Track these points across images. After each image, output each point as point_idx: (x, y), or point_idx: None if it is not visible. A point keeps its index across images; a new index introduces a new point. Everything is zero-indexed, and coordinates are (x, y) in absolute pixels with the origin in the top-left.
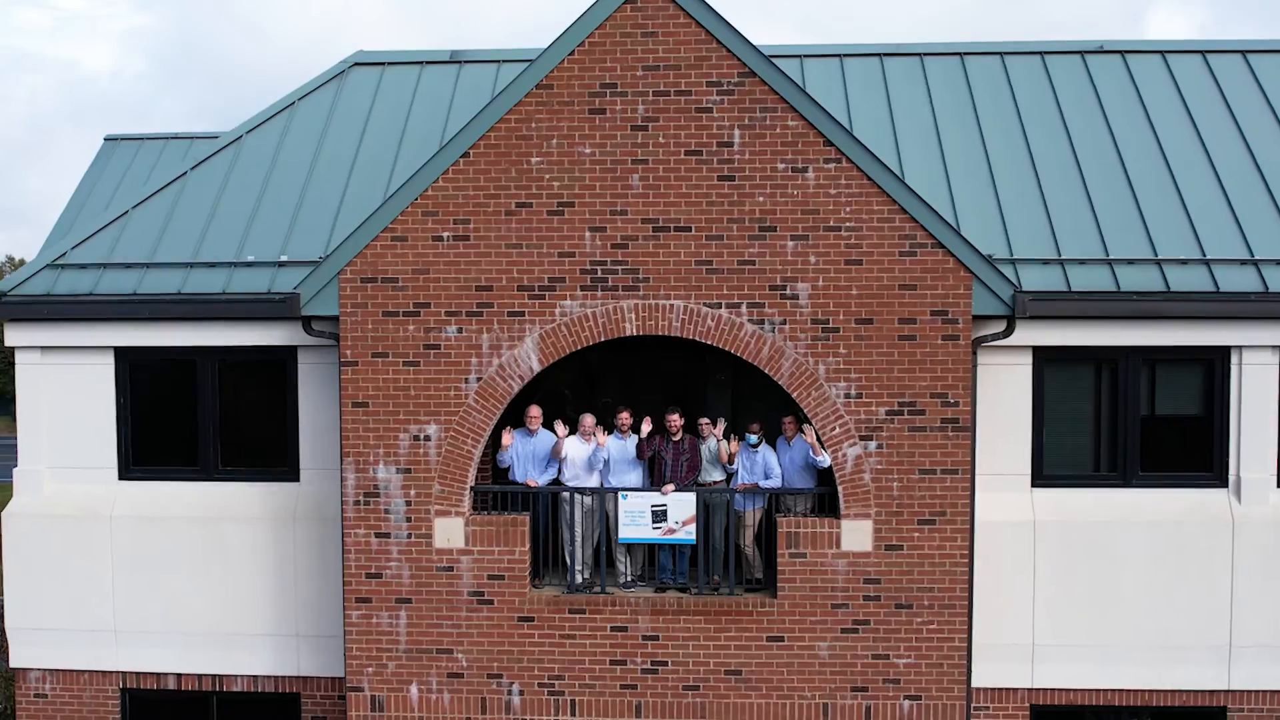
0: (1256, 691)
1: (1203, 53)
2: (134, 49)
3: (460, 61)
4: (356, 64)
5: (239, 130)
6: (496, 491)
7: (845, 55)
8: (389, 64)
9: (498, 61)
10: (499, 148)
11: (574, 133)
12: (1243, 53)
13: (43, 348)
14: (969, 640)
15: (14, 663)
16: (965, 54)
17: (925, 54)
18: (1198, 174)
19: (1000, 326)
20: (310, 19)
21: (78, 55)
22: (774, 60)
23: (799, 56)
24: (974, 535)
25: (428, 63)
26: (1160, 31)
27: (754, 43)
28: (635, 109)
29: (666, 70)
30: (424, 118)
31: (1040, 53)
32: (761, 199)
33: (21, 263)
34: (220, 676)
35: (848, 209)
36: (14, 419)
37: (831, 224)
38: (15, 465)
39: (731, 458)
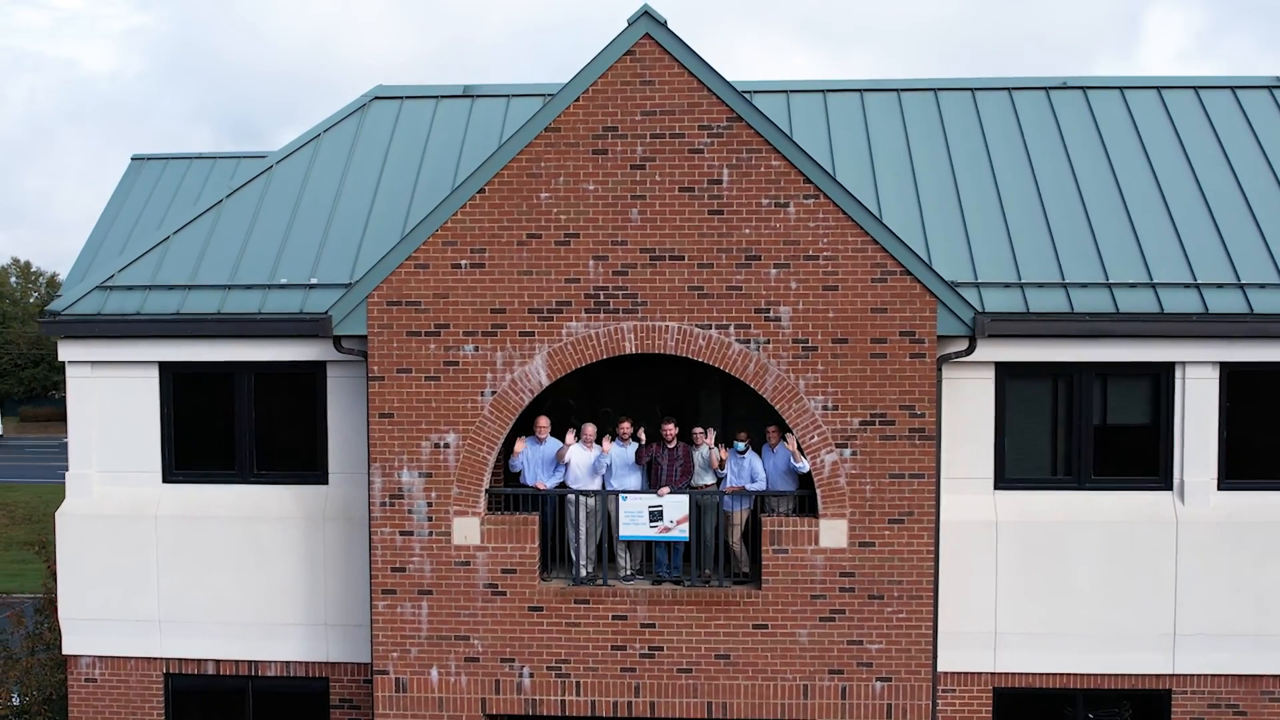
0: (1198, 675)
1: (1158, 88)
2: (134, 49)
3: (473, 96)
4: (376, 98)
5: (269, 160)
6: (509, 494)
7: (828, 90)
8: (407, 98)
9: (507, 96)
10: (511, 184)
11: (579, 171)
12: (1195, 89)
13: (93, 362)
14: (934, 627)
15: (66, 650)
16: (939, 89)
17: (902, 89)
18: (1148, 202)
19: (963, 345)
20: (310, 19)
21: (78, 55)
22: (761, 94)
23: (785, 92)
24: (939, 533)
25: (443, 97)
26: (1156, 33)
27: (740, 89)
28: (634, 150)
29: (662, 115)
30: (440, 149)
31: (1008, 88)
32: (748, 231)
33: (27, 265)
34: (256, 663)
35: (825, 240)
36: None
37: (811, 254)
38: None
39: (721, 463)
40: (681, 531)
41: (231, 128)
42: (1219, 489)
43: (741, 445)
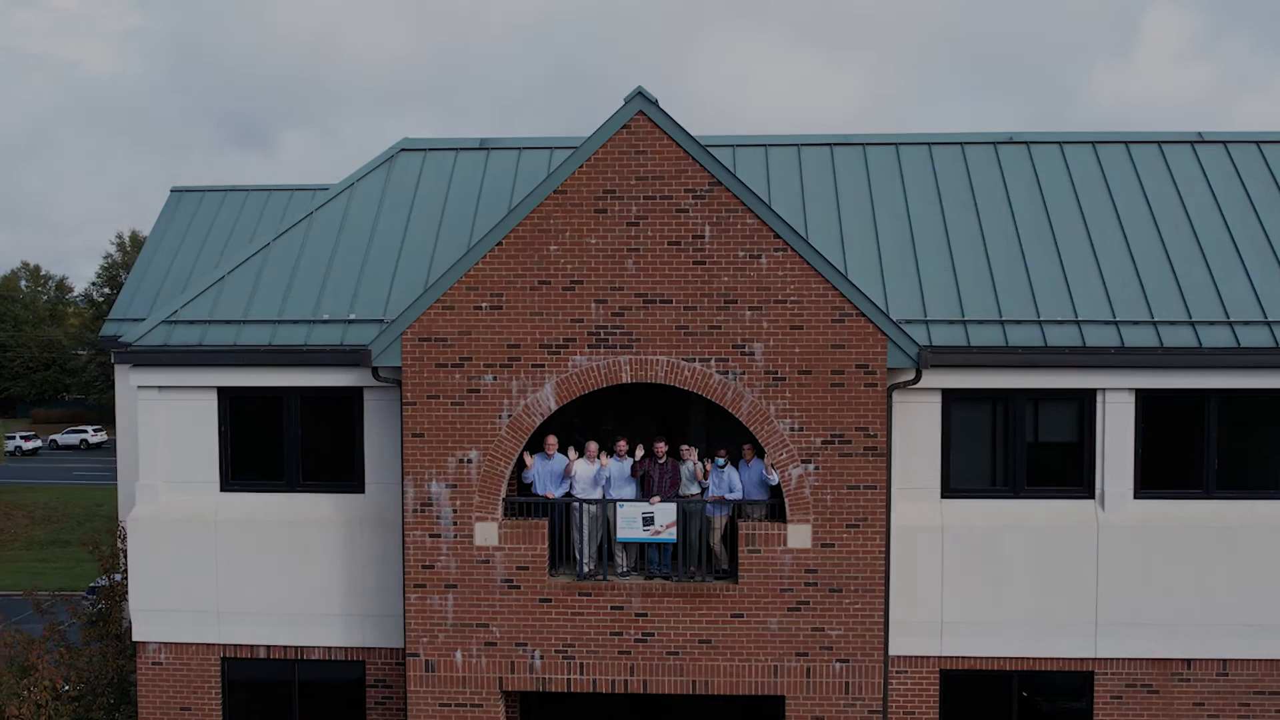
0: (1117, 659)
1: (1092, 143)
2: (133, 49)
3: (489, 148)
4: (403, 150)
5: (309, 208)
6: (522, 502)
7: (802, 145)
8: (430, 150)
9: (518, 149)
10: (525, 238)
11: (583, 227)
12: (1125, 143)
13: (160, 387)
14: (886, 616)
15: (135, 637)
16: (900, 144)
17: (867, 144)
18: (1077, 247)
19: (910, 375)
20: (310, 20)
21: (78, 55)
22: (743, 148)
23: (764, 146)
24: (890, 535)
25: (461, 149)
26: (1153, 34)
27: (724, 143)
28: (630, 209)
29: (654, 180)
30: (460, 196)
31: (960, 143)
32: (726, 279)
33: (37, 269)
34: (301, 648)
35: (792, 287)
36: None
37: (780, 298)
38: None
39: (705, 475)
40: (670, 534)
41: (231, 127)
42: (1135, 498)
43: (721, 460)
